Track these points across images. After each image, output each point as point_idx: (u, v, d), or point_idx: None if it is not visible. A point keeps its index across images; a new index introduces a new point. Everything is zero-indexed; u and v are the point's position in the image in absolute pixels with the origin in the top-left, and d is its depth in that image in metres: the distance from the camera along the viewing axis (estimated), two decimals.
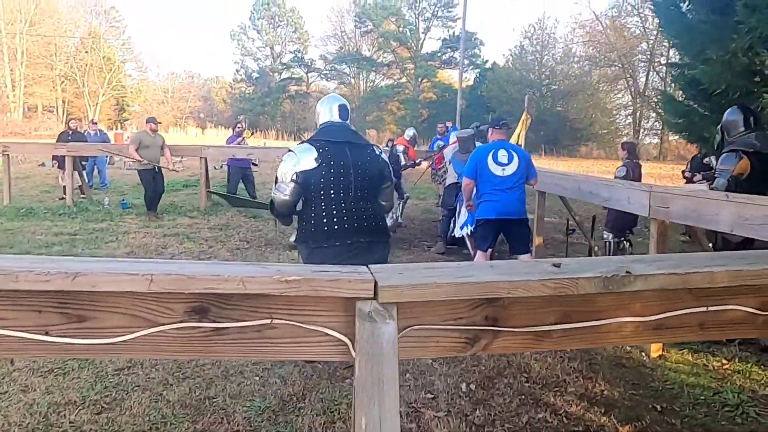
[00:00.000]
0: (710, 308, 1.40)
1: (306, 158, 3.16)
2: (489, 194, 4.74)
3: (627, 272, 1.25)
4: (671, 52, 14.29)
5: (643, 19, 25.78)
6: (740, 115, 4.30)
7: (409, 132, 10.14)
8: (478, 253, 5.09)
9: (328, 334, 1.23)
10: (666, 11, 5.54)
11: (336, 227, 3.14)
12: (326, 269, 1.21)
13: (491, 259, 5.10)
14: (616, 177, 6.52)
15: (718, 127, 4.48)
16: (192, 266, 1.21)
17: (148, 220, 8.97)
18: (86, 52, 42.13)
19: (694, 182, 6.64)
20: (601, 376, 3.61)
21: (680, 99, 6.88)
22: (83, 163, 11.59)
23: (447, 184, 7.43)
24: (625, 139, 34.98)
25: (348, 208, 3.17)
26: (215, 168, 18.00)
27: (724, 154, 4.32)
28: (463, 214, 6.35)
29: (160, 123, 10.03)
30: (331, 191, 3.14)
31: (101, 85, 42.51)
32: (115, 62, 43.79)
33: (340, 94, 50.93)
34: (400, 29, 45.25)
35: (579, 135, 32.96)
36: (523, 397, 3.32)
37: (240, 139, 11.57)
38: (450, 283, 1.19)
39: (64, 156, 10.02)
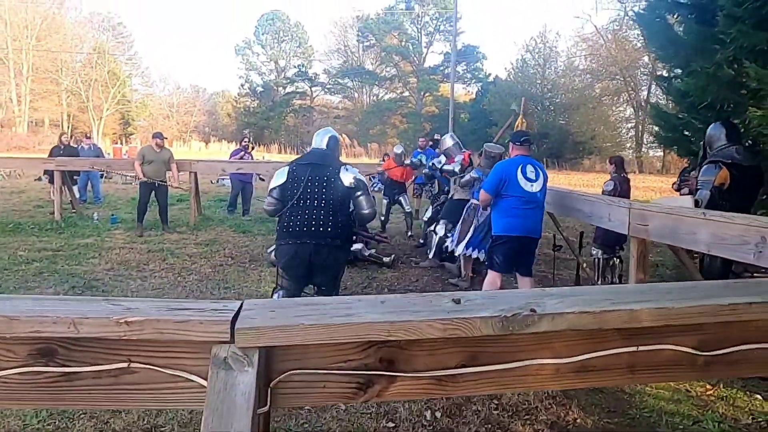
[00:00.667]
0: (641, 348, 1.25)
1: (280, 176, 3.92)
2: (517, 209, 4.51)
3: (531, 310, 1.10)
4: (659, 64, 14.11)
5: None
6: (722, 129, 4.32)
7: (397, 149, 9.97)
8: (493, 274, 4.78)
9: (190, 380, 1.09)
10: (650, 23, 5.41)
11: (290, 228, 3.80)
12: (185, 307, 1.07)
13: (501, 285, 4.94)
14: (603, 191, 6.36)
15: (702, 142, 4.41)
16: (21, 304, 1.06)
17: (135, 234, 8.87)
18: (91, 67, 42.45)
19: (681, 194, 6.49)
20: (576, 402, 3.43)
21: (672, 112, 6.72)
22: (75, 177, 11.56)
23: (453, 197, 7.11)
24: (628, 152, 34.89)
25: (300, 214, 3.79)
26: (212, 183, 18.03)
27: (705, 166, 4.31)
28: (462, 232, 6.08)
29: (166, 138, 9.99)
30: (290, 200, 3.82)
31: (105, 100, 42.75)
32: (120, 77, 44.04)
33: (344, 107, 51.30)
34: (403, 43, 45.40)
35: (582, 148, 32.78)
36: (491, 426, 3.15)
37: (243, 152, 11.61)
38: (319, 324, 1.04)
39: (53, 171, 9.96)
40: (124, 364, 1.08)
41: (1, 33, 37.38)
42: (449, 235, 6.58)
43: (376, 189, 12.63)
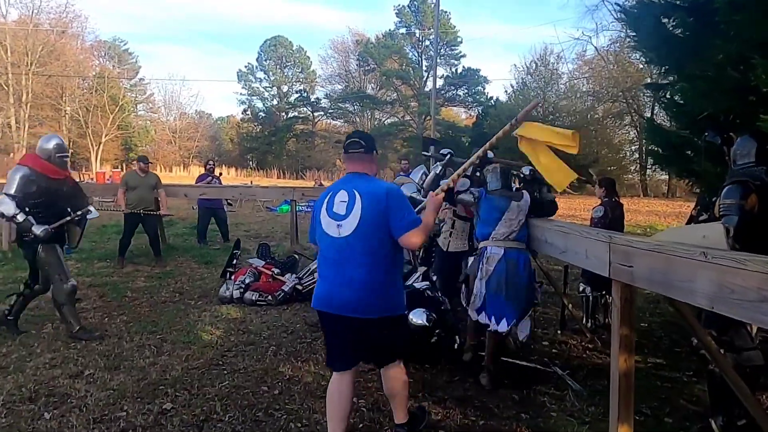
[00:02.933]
0: None
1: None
2: (322, 269, 2.97)
3: None
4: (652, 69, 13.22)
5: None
6: (753, 144, 3.46)
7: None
8: (334, 375, 3.04)
9: None
10: (639, 20, 4.64)
11: None
12: None
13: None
14: (592, 219, 5.52)
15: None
16: None
17: (116, 265, 8.24)
18: (91, 93, 42.41)
19: (699, 221, 5.61)
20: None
21: (670, 129, 5.90)
22: None
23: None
24: (633, 175, 33.98)
25: None
26: (192, 208, 17.28)
27: (728, 187, 3.44)
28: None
29: (151, 163, 9.22)
30: None
31: (104, 126, 42.58)
32: (120, 102, 43.95)
33: (345, 132, 50.96)
34: (403, 68, 45.10)
35: (585, 171, 31.90)
36: None
37: (210, 177, 10.94)
38: None
39: None
40: None
41: (1, 59, 37.37)
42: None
43: None
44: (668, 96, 4.98)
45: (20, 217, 4.66)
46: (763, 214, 3.31)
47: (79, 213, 5.09)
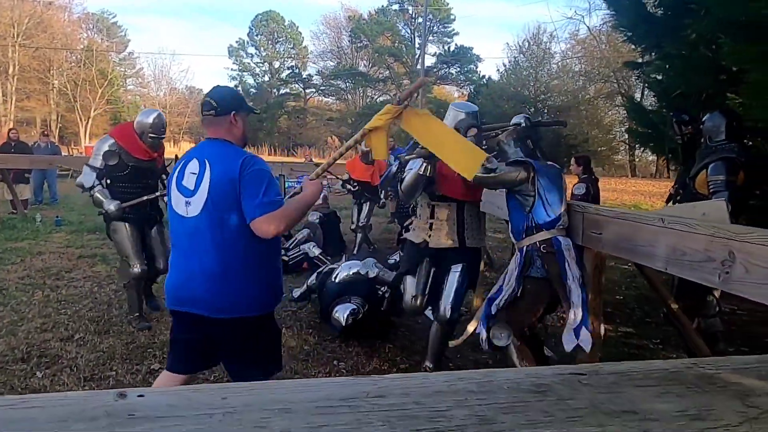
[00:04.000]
0: None
1: None
2: (173, 256, 2.48)
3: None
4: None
5: None
6: (723, 120, 3.63)
7: (364, 147, 8.46)
8: (166, 374, 2.53)
9: None
10: (620, 0, 4.73)
11: None
12: None
13: None
14: (573, 195, 5.67)
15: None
16: None
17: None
18: (79, 66, 41.82)
19: (677, 200, 5.80)
20: None
21: (649, 108, 6.03)
22: (26, 176, 10.89)
23: None
24: (623, 155, 34.22)
25: None
26: None
27: (714, 164, 3.61)
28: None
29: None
30: None
31: (93, 100, 42.09)
32: (108, 76, 43.40)
33: (337, 109, 50.71)
34: (395, 45, 44.76)
35: (575, 151, 32.04)
36: None
37: None
38: None
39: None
40: None
41: None
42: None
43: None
44: (649, 75, 5.09)
45: (96, 190, 4.38)
46: (748, 190, 3.50)
47: (157, 193, 4.55)
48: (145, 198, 4.48)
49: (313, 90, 52.38)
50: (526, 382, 0.76)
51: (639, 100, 22.66)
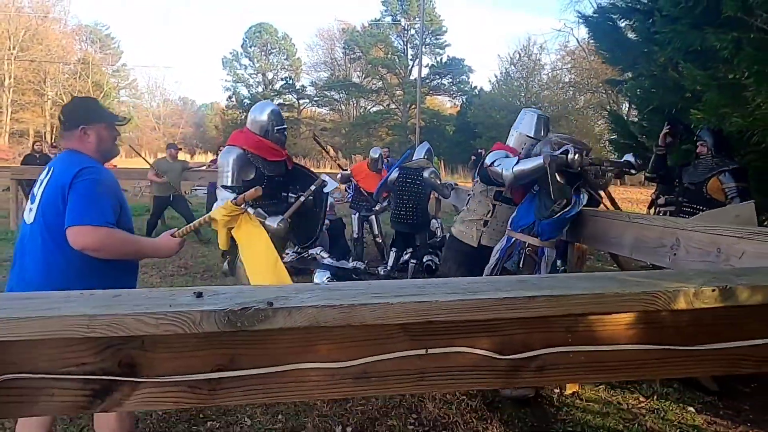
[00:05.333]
0: (430, 351, 1.08)
1: None
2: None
3: (269, 303, 0.93)
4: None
5: None
6: (712, 136, 4.21)
7: (374, 153, 8.09)
8: None
9: None
10: (598, 24, 5.31)
11: None
12: None
13: None
14: None
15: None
16: None
17: None
18: (75, 78, 42.22)
19: (658, 203, 6.43)
20: (499, 416, 3.25)
21: (629, 119, 6.62)
22: None
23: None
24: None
25: None
26: (185, 193, 17.77)
27: (726, 173, 4.23)
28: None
29: (180, 149, 10.14)
30: None
31: None
32: (104, 88, 43.83)
33: (330, 120, 51.24)
34: (388, 56, 45.49)
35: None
36: None
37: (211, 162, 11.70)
38: (36, 318, 0.88)
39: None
40: None
41: None
42: None
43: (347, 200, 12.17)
44: (627, 92, 5.67)
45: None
46: None
47: (312, 188, 3.96)
48: (302, 198, 3.89)
49: (307, 101, 52.97)
50: None
51: (627, 111, 23.47)
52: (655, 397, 3.52)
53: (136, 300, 0.99)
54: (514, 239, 3.53)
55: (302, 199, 3.85)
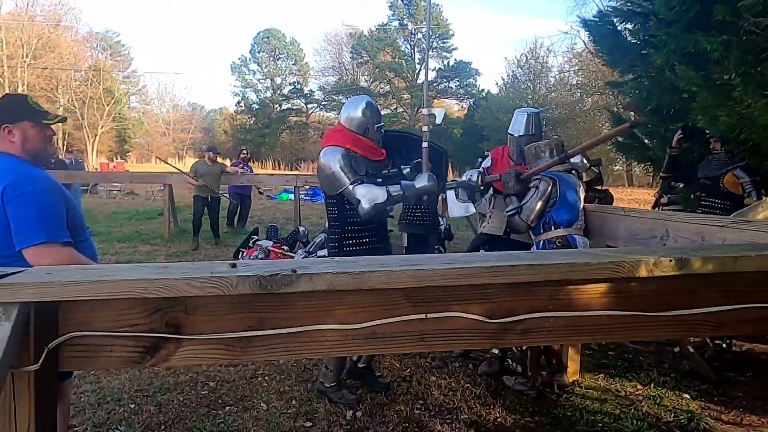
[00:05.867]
0: (429, 315, 1.26)
1: None
2: None
3: (292, 271, 1.12)
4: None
5: None
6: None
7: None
8: None
9: None
10: (598, 28, 5.47)
11: None
12: None
13: None
14: None
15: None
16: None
17: (192, 249, 8.93)
18: (87, 84, 42.77)
19: (661, 203, 6.60)
20: (501, 402, 3.41)
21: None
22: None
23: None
24: (620, 165, 34.93)
25: None
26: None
27: (739, 169, 4.45)
28: None
29: (218, 153, 10.33)
30: None
31: (101, 117, 43.02)
32: (116, 94, 44.39)
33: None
34: (396, 60, 45.75)
35: None
36: (410, 425, 3.13)
37: (242, 165, 11.94)
38: (84, 281, 1.06)
39: None
40: None
41: None
42: None
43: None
44: (628, 94, 5.82)
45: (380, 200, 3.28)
46: None
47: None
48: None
49: (315, 105, 53.36)
50: None
51: (616, 112, 23.42)
52: (653, 384, 3.67)
53: (182, 269, 1.18)
54: (542, 242, 3.52)
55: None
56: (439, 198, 8.22)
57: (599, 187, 6.01)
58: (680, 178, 5.32)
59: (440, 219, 7.40)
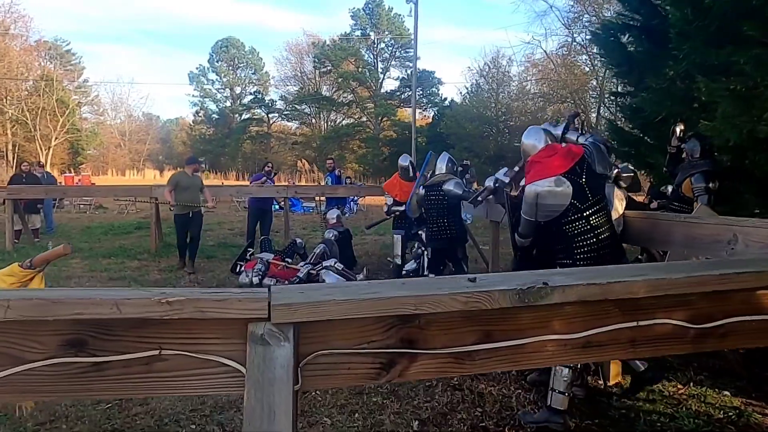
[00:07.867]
0: (640, 323, 1.32)
1: None
2: None
3: (544, 284, 1.16)
4: (615, 82, 14.81)
5: (592, 57, 26.84)
6: (698, 143, 4.76)
7: (403, 161, 7.67)
8: None
9: (224, 364, 1.10)
10: (606, 42, 5.71)
11: None
12: (220, 291, 1.08)
13: None
14: None
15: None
16: (60, 292, 1.05)
17: (177, 267, 8.28)
18: (38, 95, 41.21)
19: (650, 208, 6.84)
20: None
21: (627, 128, 7.05)
22: (39, 206, 11.18)
23: None
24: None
25: None
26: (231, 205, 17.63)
27: (696, 176, 4.74)
28: None
29: (200, 163, 9.40)
30: None
31: (54, 129, 41.48)
32: (69, 105, 42.90)
33: (301, 133, 51.25)
34: (359, 70, 45.92)
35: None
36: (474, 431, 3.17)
37: (266, 178, 10.80)
38: (350, 300, 1.07)
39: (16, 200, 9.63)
40: (156, 351, 1.08)
41: None
42: None
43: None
44: (627, 103, 6.08)
45: None
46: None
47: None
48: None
49: (277, 115, 52.93)
50: None
51: (596, 119, 24.30)
52: (691, 383, 3.82)
53: (430, 285, 1.20)
54: None
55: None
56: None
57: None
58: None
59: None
